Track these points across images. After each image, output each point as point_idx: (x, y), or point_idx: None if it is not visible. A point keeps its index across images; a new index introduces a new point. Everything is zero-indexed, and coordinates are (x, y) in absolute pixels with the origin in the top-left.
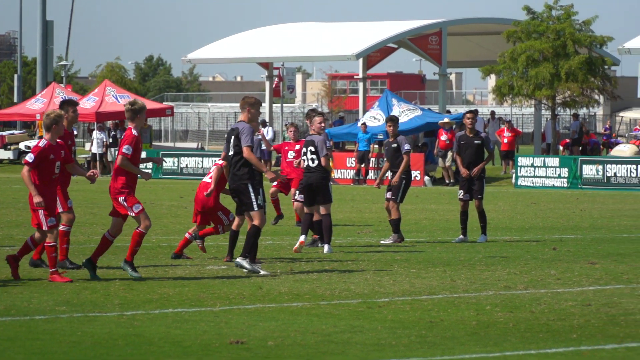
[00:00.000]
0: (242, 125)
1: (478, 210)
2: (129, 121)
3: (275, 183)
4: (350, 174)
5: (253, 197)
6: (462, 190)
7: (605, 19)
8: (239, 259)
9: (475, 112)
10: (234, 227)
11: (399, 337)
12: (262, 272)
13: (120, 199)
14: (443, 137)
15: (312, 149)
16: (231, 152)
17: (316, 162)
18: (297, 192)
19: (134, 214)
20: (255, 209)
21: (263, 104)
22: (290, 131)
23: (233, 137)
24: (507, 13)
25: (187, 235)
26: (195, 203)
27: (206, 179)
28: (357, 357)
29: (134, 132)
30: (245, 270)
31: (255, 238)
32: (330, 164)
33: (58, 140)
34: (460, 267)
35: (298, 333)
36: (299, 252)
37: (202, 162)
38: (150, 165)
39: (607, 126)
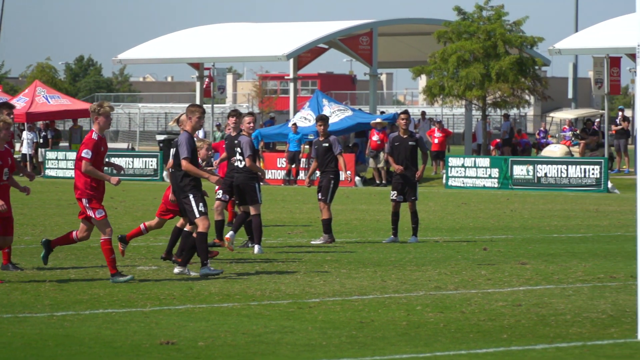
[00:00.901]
0: (180, 138)
1: (411, 211)
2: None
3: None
4: (280, 174)
5: (194, 205)
6: (395, 192)
7: (536, 20)
8: (201, 270)
9: (408, 113)
10: (178, 224)
11: (330, 337)
12: (192, 274)
13: (84, 200)
14: (375, 137)
15: (239, 149)
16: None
17: (243, 162)
18: (222, 191)
19: (95, 219)
20: (197, 216)
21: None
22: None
23: (174, 149)
24: (437, 13)
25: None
26: (163, 201)
27: None
28: (288, 358)
29: (94, 135)
30: (211, 276)
31: (204, 243)
32: (261, 164)
33: (6, 145)
34: (391, 268)
35: (228, 333)
36: (231, 250)
37: (133, 162)
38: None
39: (542, 129)
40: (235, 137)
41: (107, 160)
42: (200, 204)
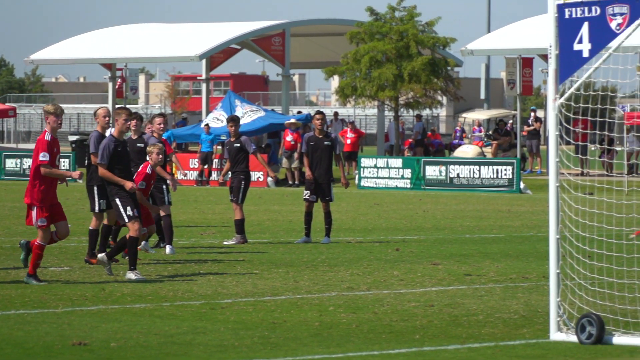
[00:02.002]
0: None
1: (325, 211)
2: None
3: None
4: (193, 175)
5: (122, 209)
6: (308, 191)
7: (449, 21)
8: (127, 274)
9: (323, 113)
10: (92, 226)
11: (242, 338)
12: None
13: (35, 208)
14: (289, 137)
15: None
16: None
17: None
18: None
19: (37, 226)
20: (127, 220)
21: (106, 106)
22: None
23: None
24: (350, 14)
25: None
26: None
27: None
28: (200, 359)
29: (47, 136)
30: (133, 280)
31: (134, 248)
32: (172, 169)
33: None
34: (304, 268)
35: (141, 334)
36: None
37: None
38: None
39: (458, 128)
40: (137, 140)
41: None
42: (128, 208)
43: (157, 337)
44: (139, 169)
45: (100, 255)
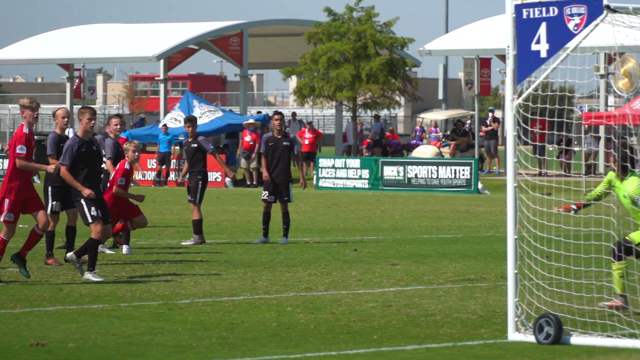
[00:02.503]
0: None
1: (283, 211)
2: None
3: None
4: (151, 175)
5: (86, 210)
6: (266, 192)
7: (407, 21)
8: (85, 274)
9: (282, 113)
10: (50, 227)
11: (200, 338)
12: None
13: (6, 201)
14: (247, 138)
15: (103, 152)
16: None
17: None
18: None
19: (3, 221)
20: (90, 221)
21: (65, 106)
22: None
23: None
24: (308, 15)
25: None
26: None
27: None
28: (158, 359)
29: (25, 129)
30: (92, 281)
31: (94, 250)
32: (133, 167)
33: None
34: (262, 269)
35: (99, 335)
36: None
37: (2, 163)
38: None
39: (418, 128)
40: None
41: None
42: (93, 208)
43: (115, 337)
44: (117, 166)
45: (69, 255)
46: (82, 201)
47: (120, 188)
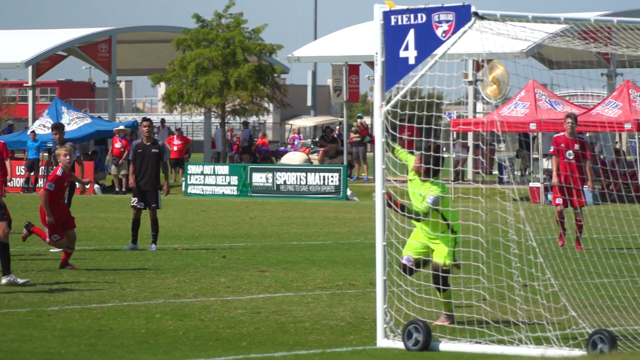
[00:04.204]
0: None
1: (151, 218)
2: None
3: None
4: (20, 182)
5: None
6: (135, 199)
7: (275, 28)
8: (2, 280)
9: (150, 120)
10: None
11: (68, 345)
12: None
13: None
14: (117, 144)
15: None
16: None
17: None
18: None
19: None
20: None
21: None
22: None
23: None
24: (177, 21)
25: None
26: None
27: None
28: None
29: None
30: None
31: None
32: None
33: None
34: (130, 276)
35: None
36: None
37: None
38: None
39: (297, 136)
40: None
41: None
42: None
43: None
44: (52, 171)
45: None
46: None
47: (45, 192)
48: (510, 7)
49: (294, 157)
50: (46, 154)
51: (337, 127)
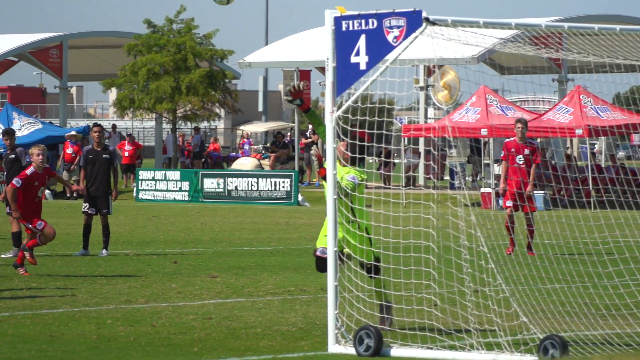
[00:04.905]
0: None
1: (102, 224)
2: None
3: None
4: None
5: None
6: (86, 204)
7: (227, 33)
8: None
9: (101, 126)
10: None
11: (20, 351)
12: None
13: None
14: (69, 150)
15: None
16: None
17: None
18: None
19: None
20: None
21: None
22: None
23: None
24: (128, 27)
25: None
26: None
27: None
28: None
29: None
30: None
31: None
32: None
33: None
34: (82, 281)
35: None
36: None
37: None
38: None
39: (246, 140)
40: None
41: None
42: None
43: None
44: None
45: None
46: None
47: (13, 188)
48: (461, 13)
49: (245, 163)
50: None
51: (289, 133)
